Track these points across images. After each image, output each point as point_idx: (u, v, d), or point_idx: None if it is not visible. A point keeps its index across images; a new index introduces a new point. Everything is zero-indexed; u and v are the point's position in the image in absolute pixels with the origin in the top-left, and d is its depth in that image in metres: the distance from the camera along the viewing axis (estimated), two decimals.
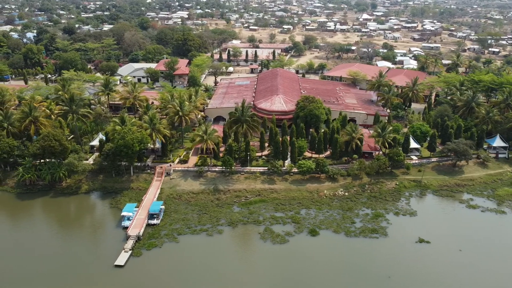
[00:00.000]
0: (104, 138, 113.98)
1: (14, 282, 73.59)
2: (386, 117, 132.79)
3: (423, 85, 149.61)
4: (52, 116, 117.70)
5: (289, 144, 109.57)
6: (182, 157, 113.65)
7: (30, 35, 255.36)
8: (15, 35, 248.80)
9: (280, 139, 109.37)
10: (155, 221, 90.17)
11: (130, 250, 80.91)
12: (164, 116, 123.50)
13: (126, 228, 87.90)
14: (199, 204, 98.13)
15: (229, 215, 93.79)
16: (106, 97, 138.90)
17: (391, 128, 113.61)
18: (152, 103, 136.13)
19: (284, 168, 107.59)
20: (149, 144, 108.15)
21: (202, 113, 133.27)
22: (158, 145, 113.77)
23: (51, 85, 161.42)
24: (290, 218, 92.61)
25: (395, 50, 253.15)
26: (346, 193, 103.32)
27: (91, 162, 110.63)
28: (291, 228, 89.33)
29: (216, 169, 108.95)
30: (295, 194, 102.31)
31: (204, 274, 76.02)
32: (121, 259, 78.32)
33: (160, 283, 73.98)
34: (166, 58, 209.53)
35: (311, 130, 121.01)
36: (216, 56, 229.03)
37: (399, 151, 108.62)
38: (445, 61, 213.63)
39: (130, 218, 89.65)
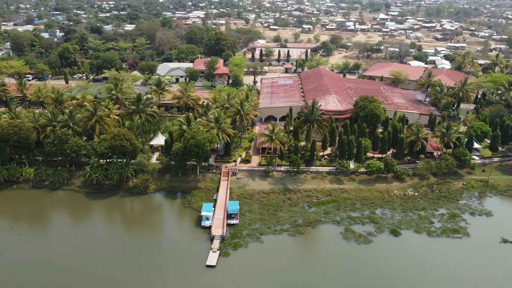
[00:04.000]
0: (163, 137, 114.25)
1: (110, 282, 73.32)
2: (440, 117, 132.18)
3: (473, 85, 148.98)
4: (111, 115, 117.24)
5: (355, 144, 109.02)
6: (244, 156, 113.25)
7: (59, 34, 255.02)
8: (46, 35, 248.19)
9: (346, 139, 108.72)
10: (234, 221, 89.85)
11: (217, 250, 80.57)
12: None
13: (206, 228, 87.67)
14: (271, 203, 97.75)
15: (305, 215, 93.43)
16: (158, 96, 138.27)
17: (455, 128, 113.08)
18: (203, 102, 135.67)
19: (352, 168, 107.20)
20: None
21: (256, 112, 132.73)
22: (220, 145, 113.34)
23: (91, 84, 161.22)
24: (368, 218, 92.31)
25: (422, 50, 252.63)
26: (416, 193, 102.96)
27: (155, 161, 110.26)
28: (371, 228, 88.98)
29: (282, 169, 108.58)
30: (365, 194, 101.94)
31: (297, 274, 75.68)
32: (212, 259, 77.99)
33: (255, 283, 73.63)
34: (200, 57, 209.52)
35: (367, 129, 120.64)
36: (247, 56, 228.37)
37: (465, 151, 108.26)
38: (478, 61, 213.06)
39: (209, 218, 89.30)
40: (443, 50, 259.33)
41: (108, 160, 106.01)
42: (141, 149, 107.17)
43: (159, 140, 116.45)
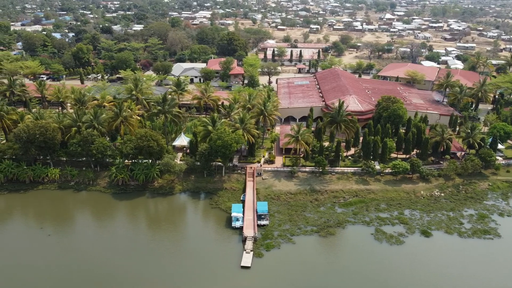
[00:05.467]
0: (186, 138, 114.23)
1: (145, 283, 73.24)
2: (462, 118, 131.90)
3: (491, 85, 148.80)
4: (133, 116, 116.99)
5: (380, 144, 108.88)
6: (268, 157, 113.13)
7: (69, 34, 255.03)
8: (57, 35, 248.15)
9: (371, 139, 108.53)
10: (264, 222, 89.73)
11: (251, 251, 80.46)
12: None
13: (237, 228, 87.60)
14: (299, 204, 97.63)
15: (334, 215, 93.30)
16: (178, 97, 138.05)
17: (480, 128, 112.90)
18: (223, 103, 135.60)
19: (378, 168, 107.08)
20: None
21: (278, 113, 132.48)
22: (245, 145, 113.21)
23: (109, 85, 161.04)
24: (397, 219, 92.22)
25: (434, 50, 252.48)
26: (442, 194, 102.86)
27: (178, 162, 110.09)
28: (401, 229, 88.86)
29: (307, 169, 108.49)
30: (392, 194, 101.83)
31: (333, 274, 75.66)
32: (246, 260, 77.84)
33: (292, 284, 73.45)
34: (213, 58, 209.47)
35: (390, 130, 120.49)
36: (259, 56, 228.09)
37: (491, 152, 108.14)
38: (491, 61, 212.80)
39: (239, 219, 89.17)
40: (453, 50, 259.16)
41: (133, 160, 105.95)
42: (167, 150, 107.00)
43: (182, 140, 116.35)
